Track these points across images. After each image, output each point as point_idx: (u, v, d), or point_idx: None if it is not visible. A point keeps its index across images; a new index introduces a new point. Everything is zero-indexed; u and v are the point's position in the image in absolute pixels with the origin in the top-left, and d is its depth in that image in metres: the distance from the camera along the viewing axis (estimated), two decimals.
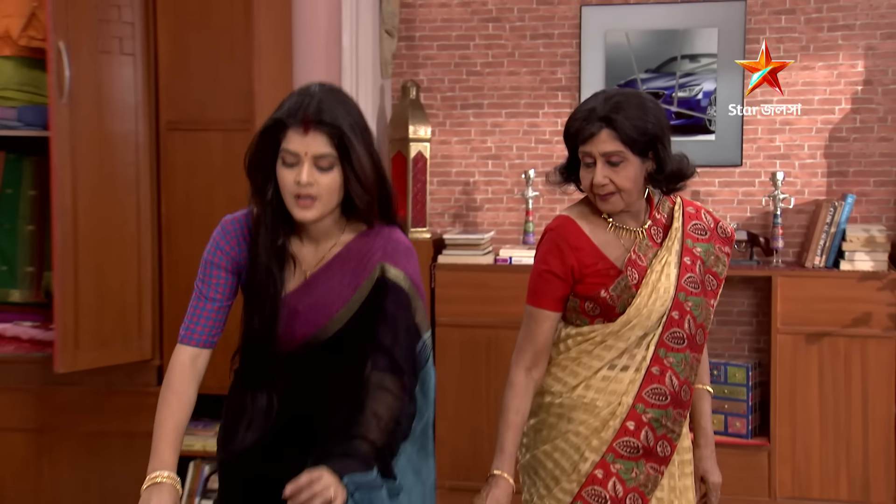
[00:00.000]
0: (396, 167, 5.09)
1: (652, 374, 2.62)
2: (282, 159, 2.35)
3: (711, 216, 2.75)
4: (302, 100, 2.35)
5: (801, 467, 4.71)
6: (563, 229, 2.66)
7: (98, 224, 4.39)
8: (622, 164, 2.56)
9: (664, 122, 2.61)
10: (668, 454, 2.64)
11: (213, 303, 2.49)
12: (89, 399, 4.70)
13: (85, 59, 4.35)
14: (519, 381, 2.66)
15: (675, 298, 2.62)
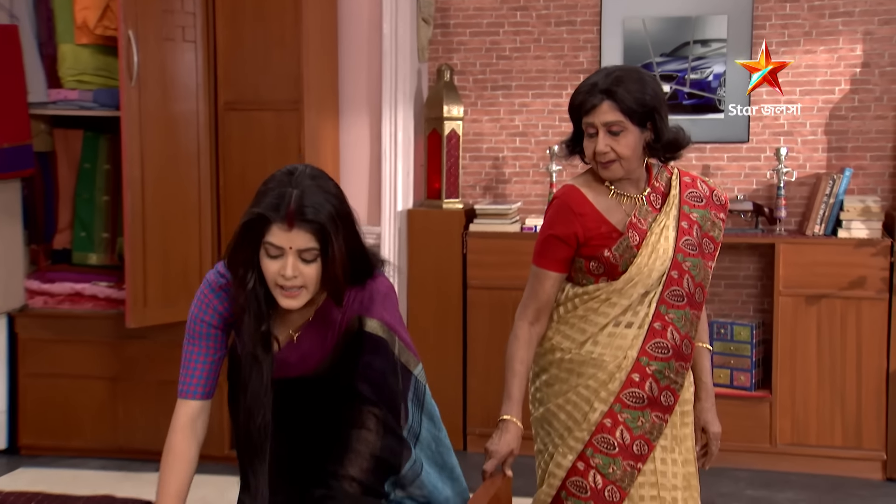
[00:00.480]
0: (431, 144, 5.12)
1: (654, 329, 2.60)
2: (265, 251, 2.19)
3: (707, 185, 2.72)
4: (284, 192, 2.17)
5: (800, 417, 4.73)
6: (568, 197, 2.65)
7: (163, 194, 4.51)
8: (622, 134, 2.55)
9: (661, 95, 2.61)
10: (671, 403, 2.61)
11: (205, 357, 2.37)
12: (157, 351, 4.83)
13: (151, 46, 4.46)
14: (523, 333, 2.67)
15: (674, 259, 2.60)
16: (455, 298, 5.01)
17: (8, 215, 4.93)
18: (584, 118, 2.59)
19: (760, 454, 4.77)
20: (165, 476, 2.34)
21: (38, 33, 4.97)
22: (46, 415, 5.02)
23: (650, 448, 2.59)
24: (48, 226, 5.16)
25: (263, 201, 2.19)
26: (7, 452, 5.08)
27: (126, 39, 4.35)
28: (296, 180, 2.19)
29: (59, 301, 5.00)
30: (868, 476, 4.68)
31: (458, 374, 5.00)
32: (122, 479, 4.67)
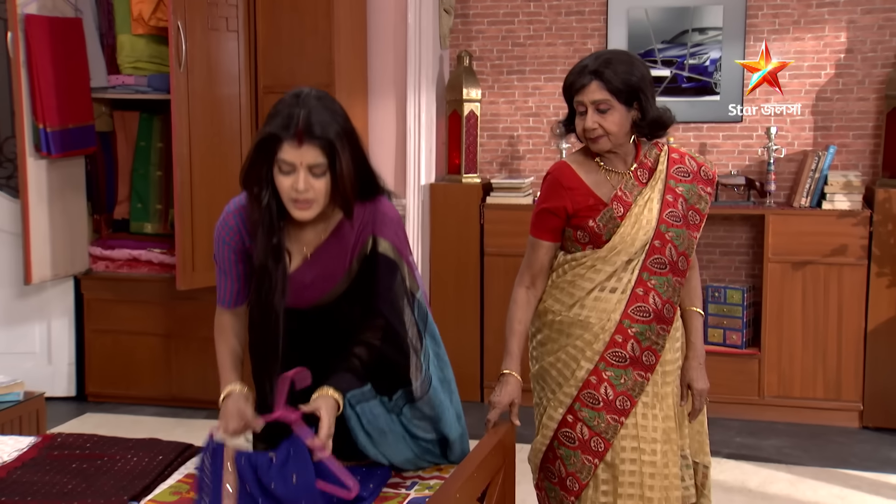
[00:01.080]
0: (452, 123, 5.12)
1: (637, 294, 2.57)
2: (278, 167, 2.18)
3: (695, 161, 2.66)
4: (293, 112, 2.16)
5: (786, 372, 4.74)
6: (558, 172, 2.65)
7: (209, 170, 4.55)
8: (609, 111, 2.52)
9: (647, 77, 2.55)
10: (652, 363, 2.59)
11: (233, 276, 2.36)
12: (205, 311, 4.71)
13: (198, 36, 4.49)
14: (520, 297, 2.67)
15: (657, 229, 2.57)
16: (473, 264, 5.04)
17: (73, 189, 5.00)
18: (574, 97, 2.57)
19: (749, 405, 4.78)
20: (221, 348, 2.39)
21: (99, 25, 5.01)
22: (109, 366, 5.11)
23: (632, 404, 2.58)
24: (109, 198, 5.22)
25: (274, 122, 2.18)
26: (76, 399, 5.20)
27: (175, 29, 4.38)
28: (303, 101, 2.18)
29: (119, 265, 5.07)
30: (846, 424, 4.69)
31: (475, 332, 5.04)
32: (176, 425, 4.75)
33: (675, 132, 5.06)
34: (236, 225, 2.32)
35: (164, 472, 2.43)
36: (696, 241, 2.65)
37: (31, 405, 3.71)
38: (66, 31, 4.73)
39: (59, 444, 2.58)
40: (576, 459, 2.61)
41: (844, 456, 4.33)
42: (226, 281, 2.37)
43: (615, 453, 2.59)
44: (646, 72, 2.57)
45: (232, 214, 2.34)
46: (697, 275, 2.75)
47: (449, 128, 5.16)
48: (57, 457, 2.49)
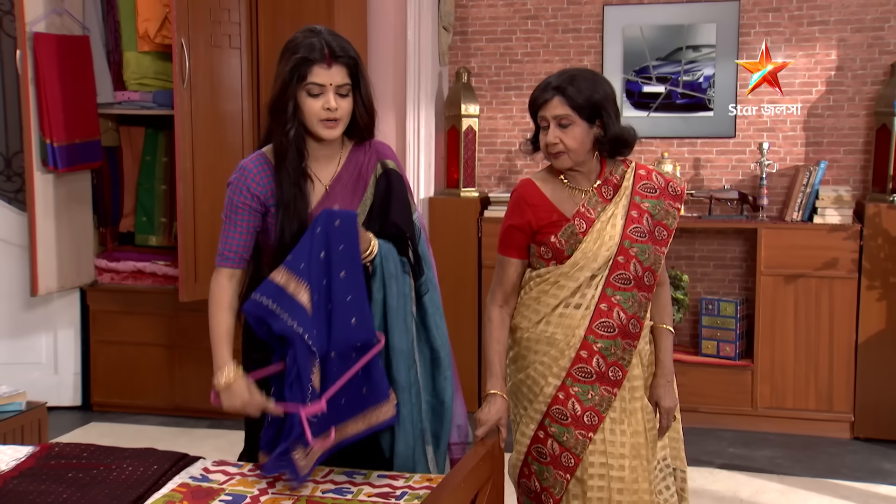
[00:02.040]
0: (451, 138, 5.12)
1: (601, 309, 2.54)
2: (307, 91, 2.34)
3: (663, 177, 2.62)
4: (314, 41, 2.33)
5: (778, 383, 4.72)
6: (523, 189, 2.63)
7: (212, 184, 4.53)
8: (570, 127, 2.50)
9: (611, 95, 2.54)
10: (619, 378, 2.56)
11: (243, 229, 2.44)
12: (207, 322, 4.85)
13: (201, 53, 4.50)
14: (494, 316, 2.65)
15: (621, 245, 2.55)
16: (471, 276, 5.03)
17: (80, 202, 5.01)
18: (538, 112, 2.56)
19: (742, 416, 4.76)
20: (215, 321, 2.49)
21: (105, 42, 5.03)
22: (114, 376, 5.11)
23: (600, 419, 2.56)
24: (114, 211, 5.22)
25: (299, 52, 2.32)
26: (81, 409, 5.19)
27: (179, 47, 4.39)
28: (318, 32, 2.37)
29: (124, 277, 5.06)
30: (837, 435, 4.66)
31: (473, 343, 5.03)
32: (178, 434, 4.74)
33: (669, 147, 5.07)
34: (255, 168, 2.42)
35: (159, 481, 2.42)
36: (664, 257, 2.62)
37: (33, 415, 3.71)
38: (73, 49, 4.75)
39: (57, 453, 2.57)
40: (548, 475, 2.60)
41: (835, 466, 4.31)
42: (234, 233, 2.43)
43: (584, 468, 2.57)
44: (609, 90, 2.56)
45: (251, 161, 2.45)
46: (668, 292, 2.73)
47: (447, 143, 5.16)
48: (53, 466, 2.48)
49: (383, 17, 5.03)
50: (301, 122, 2.39)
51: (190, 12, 4.44)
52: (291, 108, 2.36)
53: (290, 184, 2.40)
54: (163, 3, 4.78)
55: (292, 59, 2.34)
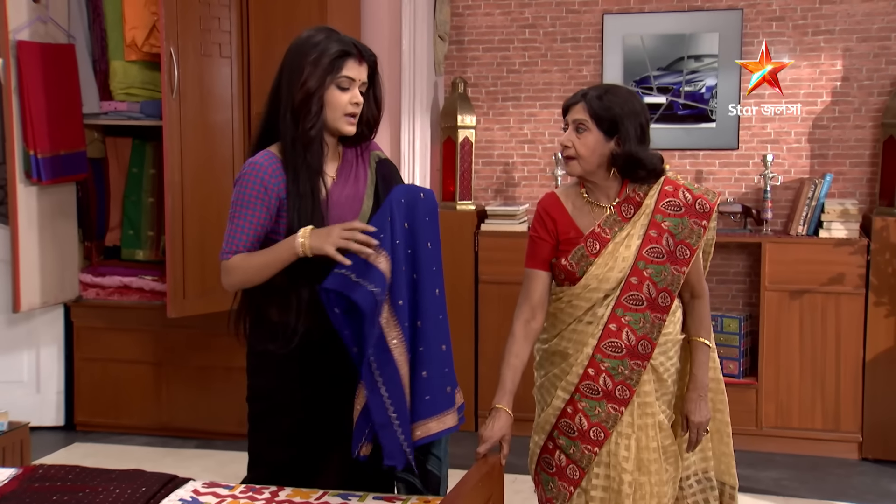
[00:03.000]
0: (447, 150, 5.12)
1: (609, 329, 2.59)
2: (337, 85, 2.46)
3: (692, 194, 2.63)
4: (344, 38, 2.49)
5: (784, 402, 4.71)
6: (546, 202, 2.71)
7: (201, 196, 4.53)
8: (585, 133, 2.56)
9: (637, 113, 2.58)
10: (626, 397, 2.59)
11: (254, 222, 2.47)
12: (197, 339, 4.88)
13: (191, 62, 4.49)
14: (518, 331, 2.67)
15: (634, 266, 2.58)
16: (467, 292, 5.02)
17: (64, 215, 4.99)
18: (565, 117, 2.65)
19: (747, 436, 4.73)
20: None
21: (91, 51, 5.02)
22: (99, 395, 5.08)
23: (606, 435, 2.60)
24: (100, 225, 5.21)
25: (331, 46, 2.45)
26: (64, 429, 5.16)
27: (168, 56, 4.39)
28: (338, 32, 2.51)
29: (110, 293, 5.05)
30: (845, 456, 4.65)
31: (470, 360, 5.02)
32: (165, 455, 4.72)
33: (670, 160, 5.07)
34: (268, 164, 2.47)
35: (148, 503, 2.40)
36: (684, 276, 2.61)
37: (14, 436, 3.69)
38: (58, 58, 4.74)
39: (41, 475, 2.56)
40: (553, 485, 2.67)
41: (843, 488, 4.30)
42: (244, 224, 2.46)
43: (588, 480, 2.63)
44: (638, 109, 2.60)
45: (261, 157, 2.49)
46: (706, 304, 2.74)
47: (443, 154, 5.15)
48: (38, 489, 2.47)
49: (377, 26, 5.04)
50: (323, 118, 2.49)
51: (179, 20, 4.43)
52: (319, 103, 2.46)
53: (307, 178, 2.47)
54: (151, 11, 4.78)
55: (328, 53, 2.44)
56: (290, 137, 2.47)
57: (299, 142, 2.46)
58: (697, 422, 2.67)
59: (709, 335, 2.73)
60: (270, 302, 2.54)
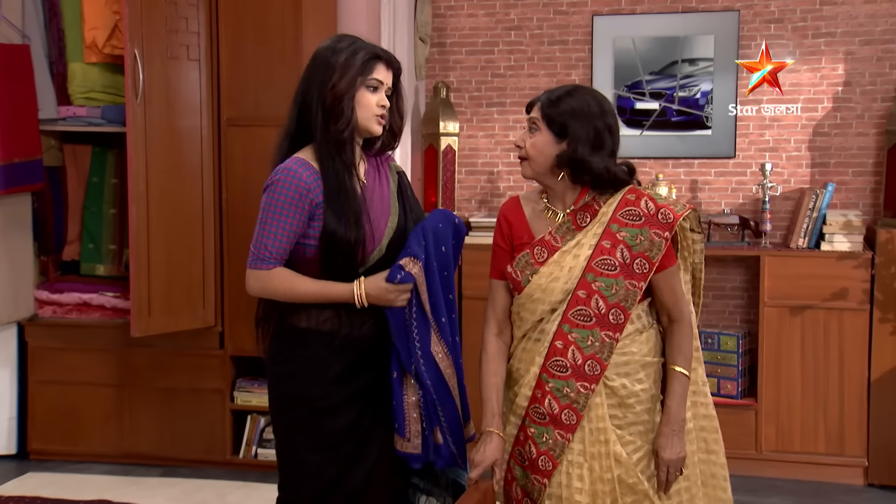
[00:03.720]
0: (428, 158, 5.09)
1: (555, 346, 2.55)
2: (367, 86, 2.61)
3: (655, 203, 2.57)
4: (367, 44, 2.65)
5: (784, 424, 4.70)
6: (505, 206, 2.73)
7: (167, 208, 4.48)
8: (535, 133, 2.57)
9: (591, 114, 2.54)
10: (573, 423, 2.53)
11: (289, 228, 2.58)
12: (162, 360, 4.81)
13: (157, 65, 4.43)
14: (490, 346, 2.68)
15: (582, 278, 2.54)
16: None
17: (19, 228, 4.92)
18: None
19: (746, 460, 4.72)
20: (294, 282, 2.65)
21: (48, 52, 4.95)
22: (55, 421, 4.99)
23: (554, 465, 2.55)
24: (57, 238, 5.14)
25: (361, 50, 2.62)
26: (17, 457, 5.05)
27: (132, 58, 4.33)
28: (362, 39, 2.68)
29: (68, 311, 4.97)
30: (850, 482, 4.65)
31: None
32: (128, 484, 4.63)
33: (664, 169, 5.07)
34: (302, 169, 2.58)
35: None
36: (640, 292, 2.55)
37: None
38: (11, 59, 4.67)
39: None
40: None
41: None
42: (278, 230, 2.57)
43: None
44: (595, 112, 2.56)
45: (293, 163, 2.61)
46: (685, 330, 2.63)
47: (425, 163, 5.13)
48: None
49: (355, 27, 4.96)
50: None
51: (144, 21, 4.38)
52: (350, 104, 2.60)
53: (346, 175, 2.61)
54: (112, 11, 4.73)
55: (359, 55, 2.61)
56: (324, 139, 2.61)
57: (332, 143, 2.61)
58: (668, 458, 2.55)
59: (687, 364, 2.61)
60: (298, 309, 2.65)
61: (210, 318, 4.66)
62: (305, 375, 2.65)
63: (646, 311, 2.63)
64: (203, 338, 4.72)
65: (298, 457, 2.68)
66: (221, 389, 4.76)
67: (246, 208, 4.52)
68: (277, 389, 2.72)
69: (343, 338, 2.63)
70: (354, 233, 2.58)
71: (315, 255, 2.61)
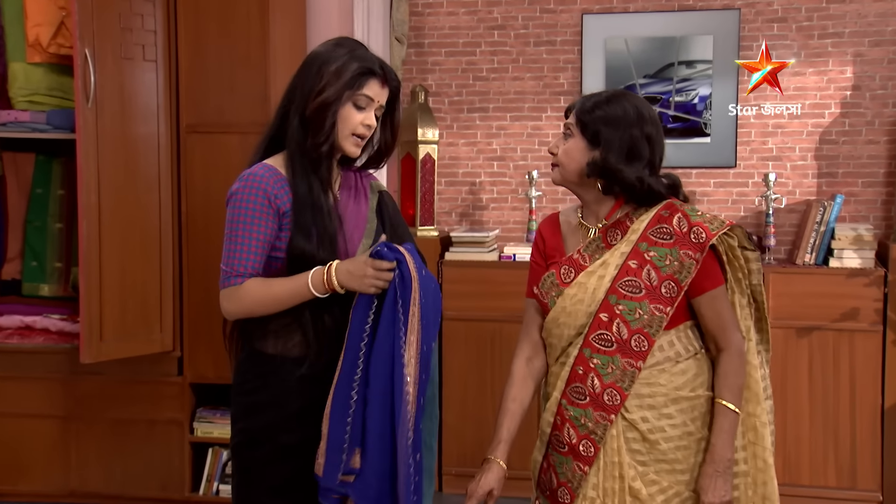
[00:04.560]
0: (405, 168, 5.03)
1: (576, 372, 2.55)
2: (354, 102, 2.56)
3: (688, 221, 2.53)
4: (369, 55, 2.60)
5: (792, 456, 4.66)
6: (544, 221, 2.77)
7: (121, 222, 4.38)
8: (569, 139, 2.60)
9: (629, 121, 2.54)
10: (590, 455, 2.53)
11: (261, 239, 2.53)
12: (114, 388, 4.71)
13: (109, 66, 4.34)
14: (517, 370, 2.68)
15: (605, 300, 2.53)
16: None
17: None
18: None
19: None
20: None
21: None
22: None
23: (572, 497, 2.57)
24: None
25: (355, 61, 2.56)
26: None
27: (82, 58, 4.23)
28: (365, 46, 2.64)
29: (7, 335, 4.85)
30: None
31: None
32: None
33: None
34: (268, 175, 2.55)
35: None
36: (667, 317, 2.51)
37: None
38: None
39: None
40: None
41: None
42: (250, 242, 2.52)
43: None
44: (633, 119, 2.55)
45: (259, 168, 2.57)
46: (732, 360, 2.56)
47: (402, 173, 5.06)
48: None
49: (326, 26, 4.93)
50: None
51: (95, 17, 4.27)
52: (333, 118, 2.55)
53: (319, 188, 2.56)
54: (58, 6, 4.63)
55: (351, 67, 2.55)
56: (299, 150, 2.57)
57: (308, 154, 2.57)
58: (709, 503, 2.50)
59: (735, 398, 2.55)
60: (266, 333, 2.60)
61: (168, 343, 4.57)
62: (270, 409, 2.60)
63: (686, 338, 2.58)
64: (160, 364, 4.63)
65: (259, 500, 2.63)
66: (180, 420, 4.66)
67: (207, 222, 4.45)
68: (241, 422, 2.66)
69: (312, 365, 2.56)
70: (327, 253, 2.54)
71: (282, 269, 2.58)
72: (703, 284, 2.53)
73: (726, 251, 2.58)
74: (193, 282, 4.54)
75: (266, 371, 2.60)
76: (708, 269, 2.54)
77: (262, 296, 2.52)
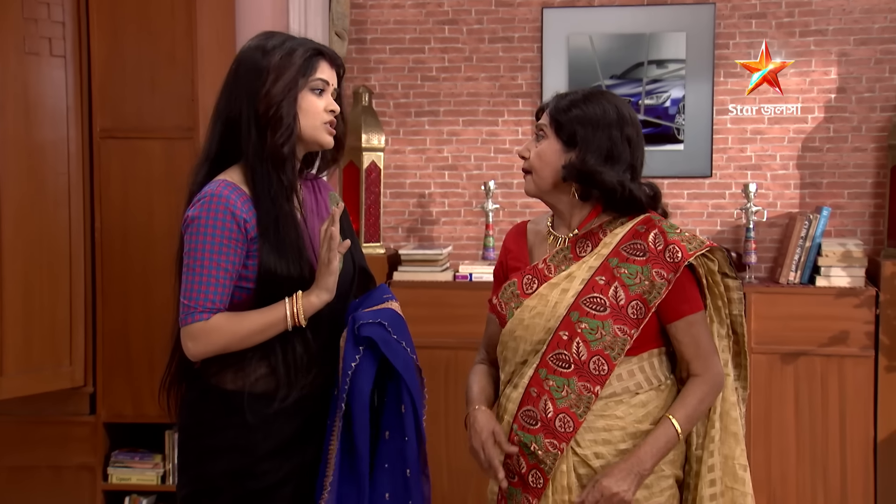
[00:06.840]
0: (348, 178, 4.98)
1: (529, 394, 2.55)
2: (311, 88, 2.56)
3: (664, 238, 2.52)
4: (308, 40, 2.62)
5: (777, 494, 4.65)
6: (511, 229, 2.81)
7: (26, 239, 4.29)
8: (542, 140, 2.60)
9: (609, 122, 2.55)
10: (539, 487, 2.52)
11: (229, 267, 2.49)
12: (14, 430, 4.62)
13: (11, 61, 4.27)
14: (478, 367, 2.79)
15: (566, 317, 2.52)
16: None
17: None
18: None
19: None
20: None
21: None
22: None
23: None
24: None
25: (299, 46, 2.57)
26: None
27: None
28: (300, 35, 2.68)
29: None
30: None
31: None
32: None
33: None
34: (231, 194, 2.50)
35: None
36: (630, 340, 2.49)
37: None
38: None
39: None
40: None
41: None
42: (217, 273, 2.46)
43: None
44: (613, 120, 2.57)
45: (219, 187, 2.51)
46: (703, 387, 2.54)
47: (344, 183, 5.01)
48: None
49: (258, 19, 4.88)
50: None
51: None
52: (291, 111, 2.53)
53: (285, 199, 2.54)
54: None
55: (298, 52, 2.55)
56: (258, 157, 2.53)
57: (269, 160, 2.53)
58: (606, 485, 2.44)
59: (685, 420, 2.51)
60: (223, 367, 2.55)
61: (79, 377, 4.47)
62: (233, 451, 2.54)
63: (651, 368, 2.57)
64: (70, 401, 4.53)
65: None
66: (92, 465, 4.57)
67: (125, 239, 4.39)
68: (194, 469, 2.60)
69: (282, 401, 2.51)
70: (297, 268, 2.52)
71: (249, 298, 2.53)
72: (681, 308, 2.53)
73: (706, 275, 2.57)
74: (109, 307, 4.46)
75: (225, 410, 2.54)
76: (686, 291, 2.52)
77: (234, 332, 2.48)
